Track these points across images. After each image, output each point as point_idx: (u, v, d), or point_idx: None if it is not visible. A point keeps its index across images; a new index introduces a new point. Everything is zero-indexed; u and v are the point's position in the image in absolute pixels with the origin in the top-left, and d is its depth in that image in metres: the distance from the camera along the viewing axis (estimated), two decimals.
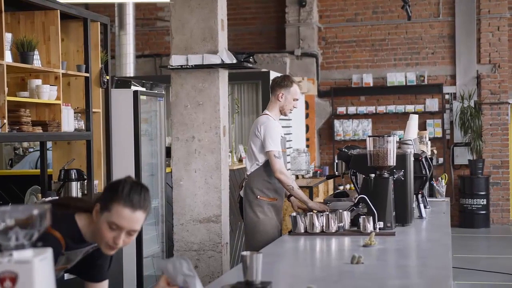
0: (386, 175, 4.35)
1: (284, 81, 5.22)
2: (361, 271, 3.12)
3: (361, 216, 4.19)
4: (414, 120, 5.42)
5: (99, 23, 5.90)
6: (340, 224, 4.22)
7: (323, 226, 4.20)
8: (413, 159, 4.73)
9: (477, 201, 11.91)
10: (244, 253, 2.65)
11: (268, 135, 5.02)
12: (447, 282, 2.78)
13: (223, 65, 5.70)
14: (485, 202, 11.93)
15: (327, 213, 4.26)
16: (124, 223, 2.48)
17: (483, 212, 11.95)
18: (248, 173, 5.19)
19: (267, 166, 5.08)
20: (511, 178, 12.44)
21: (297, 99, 5.23)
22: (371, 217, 4.15)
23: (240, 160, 7.72)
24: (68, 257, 2.64)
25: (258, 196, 5.09)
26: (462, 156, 12.26)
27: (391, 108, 12.42)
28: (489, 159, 12.23)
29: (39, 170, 5.92)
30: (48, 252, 1.82)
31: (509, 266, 8.82)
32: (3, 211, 1.81)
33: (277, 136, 5.06)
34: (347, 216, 4.29)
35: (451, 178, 12.39)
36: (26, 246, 1.80)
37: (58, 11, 5.25)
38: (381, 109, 12.46)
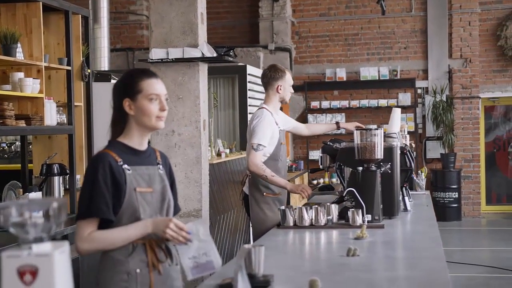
0: (373, 168, 4.37)
1: (278, 73, 5.26)
2: (358, 263, 3.14)
3: (350, 209, 4.21)
4: (397, 113, 5.45)
5: (80, 15, 5.83)
6: (329, 217, 4.24)
7: (312, 219, 4.21)
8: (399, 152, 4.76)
9: (449, 194, 12.05)
10: (247, 246, 2.66)
11: (258, 128, 5.00)
12: (446, 274, 2.80)
13: (203, 59, 5.68)
14: (456, 195, 12.08)
15: (316, 206, 4.26)
16: (158, 89, 2.80)
17: (455, 205, 12.10)
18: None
19: (270, 161, 5.04)
20: (482, 171, 12.62)
21: (292, 84, 5.36)
22: (360, 210, 4.18)
23: (219, 154, 7.69)
24: (140, 174, 2.78)
25: (264, 193, 5.06)
26: (434, 150, 12.39)
27: (365, 102, 12.49)
28: (461, 152, 12.38)
29: (19, 165, 5.83)
30: (66, 246, 1.80)
31: (481, 258, 8.96)
32: (21, 204, 1.79)
33: (266, 131, 5.02)
34: (335, 209, 4.30)
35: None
36: (45, 239, 1.78)
37: (41, 3, 5.18)
38: (355, 103, 12.52)
